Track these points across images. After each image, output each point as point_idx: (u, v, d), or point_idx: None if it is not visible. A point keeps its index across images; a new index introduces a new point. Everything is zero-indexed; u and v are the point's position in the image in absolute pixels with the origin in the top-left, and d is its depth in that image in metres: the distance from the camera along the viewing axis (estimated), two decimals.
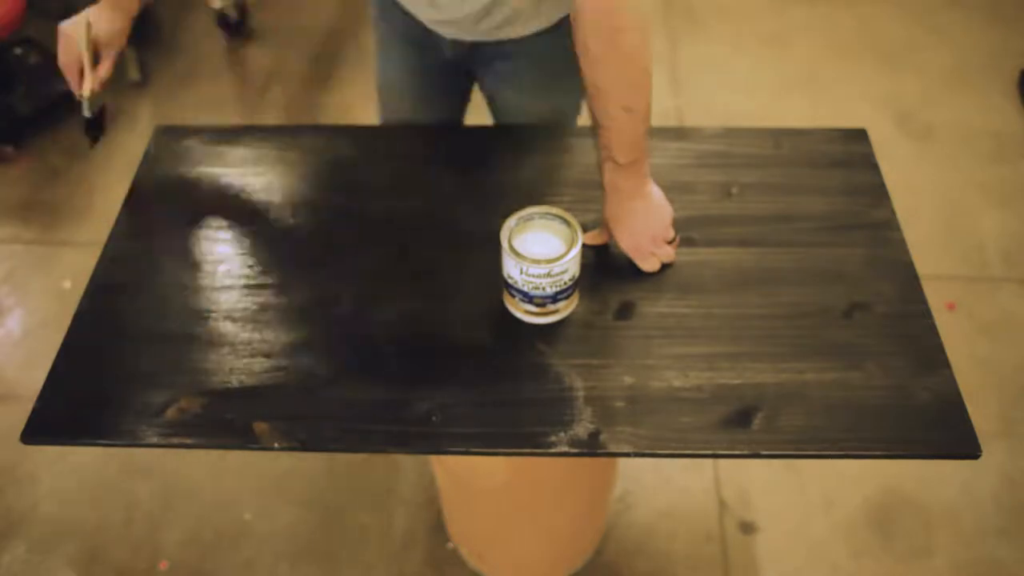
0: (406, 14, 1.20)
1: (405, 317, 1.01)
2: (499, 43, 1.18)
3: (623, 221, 1.01)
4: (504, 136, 1.24)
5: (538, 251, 0.92)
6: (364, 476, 1.75)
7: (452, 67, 1.28)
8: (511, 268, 0.93)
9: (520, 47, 1.18)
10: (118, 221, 1.13)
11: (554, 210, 0.95)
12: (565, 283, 0.94)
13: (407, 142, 1.24)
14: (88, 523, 1.70)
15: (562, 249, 0.92)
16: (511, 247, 0.92)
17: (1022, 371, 1.87)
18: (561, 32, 1.10)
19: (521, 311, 0.98)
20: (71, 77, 1.07)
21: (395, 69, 1.32)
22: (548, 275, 0.91)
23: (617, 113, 0.93)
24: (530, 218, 0.95)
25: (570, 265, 0.92)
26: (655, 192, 1.02)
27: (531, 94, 1.27)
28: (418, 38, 1.22)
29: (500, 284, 0.99)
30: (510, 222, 0.94)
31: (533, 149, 1.20)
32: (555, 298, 0.95)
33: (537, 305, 0.96)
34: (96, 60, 1.06)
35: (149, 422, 0.91)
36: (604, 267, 1.05)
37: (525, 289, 0.94)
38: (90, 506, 1.72)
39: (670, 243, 1.03)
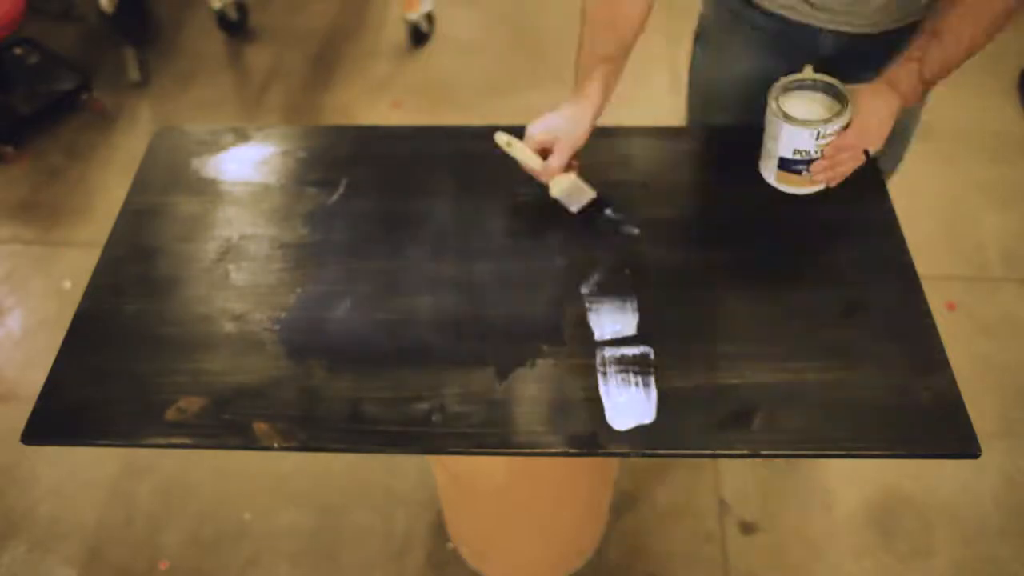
0: (769, 14, 1.16)
1: (405, 317, 1.00)
2: (886, 33, 1.12)
3: (864, 108, 1.01)
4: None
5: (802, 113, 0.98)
6: (364, 476, 1.75)
7: (815, 67, 1.20)
8: (802, 139, 0.97)
9: (905, 37, 1.09)
10: (118, 221, 1.13)
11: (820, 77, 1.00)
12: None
13: (407, 142, 1.23)
14: (88, 523, 1.70)
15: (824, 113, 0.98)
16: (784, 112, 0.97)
17: (1022, 371, 1.87)
18: None
19: (797, 184, 1.03)
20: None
21: (743, 74, 1.25)
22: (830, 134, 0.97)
23: (964, 38, 0.97)
24: (792, 87, 1.01)
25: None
26: (894, 115, 1.03)
27: None
28: (785, 36, 1.17)
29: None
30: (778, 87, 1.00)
31: None
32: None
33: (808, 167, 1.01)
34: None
35: (149, 422, 0.91)
36: (603, 267, 1.05)
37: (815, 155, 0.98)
38: (90, 506, 1.72)
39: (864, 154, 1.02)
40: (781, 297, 1.01)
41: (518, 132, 1.24)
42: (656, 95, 2.55)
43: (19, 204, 2.35)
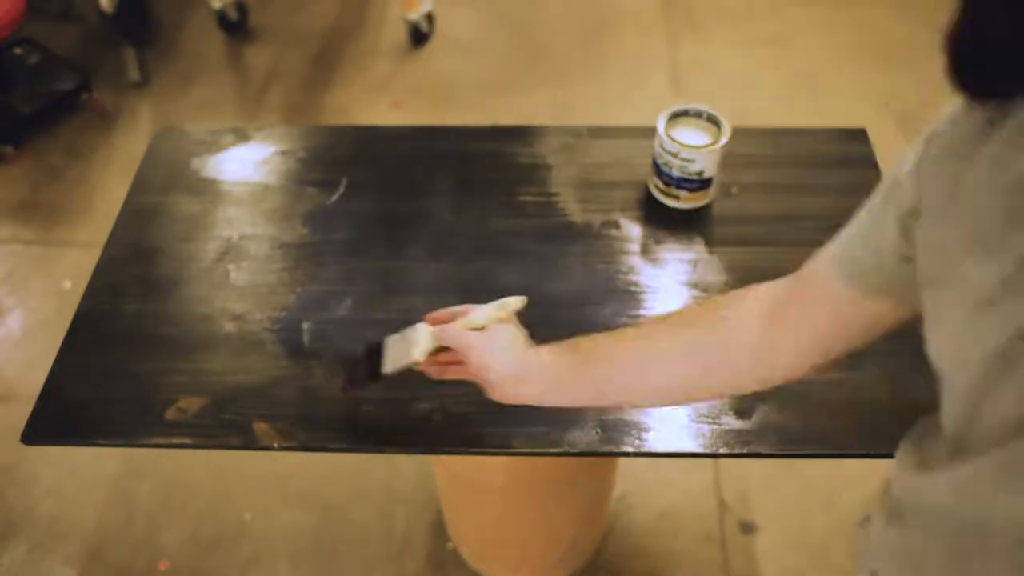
0: None
1: (405, 317, 1.00)
2: None
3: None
4: (505, 136, 1.24)
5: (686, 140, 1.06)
6: (364, 476, 1.75)
7: None
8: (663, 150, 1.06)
9: None
10: (118, 221, 1.13)
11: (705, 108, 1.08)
12: (690, 173, 1.06)
13: (407, 142, 1.24)
14: (88, 523, 1.70)
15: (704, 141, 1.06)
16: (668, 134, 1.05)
17: None
18: None
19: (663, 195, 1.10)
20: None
21: None
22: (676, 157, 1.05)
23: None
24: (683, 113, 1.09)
25: (698, 157, 1.04)
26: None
27: None
28: None
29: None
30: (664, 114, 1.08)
31: (533, 149, 1.20)
32: (679, 183, 1.07)
33: (664, 183, 1.09)
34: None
35: (149, 422, 0.91)
36: (603, 267, 1.05)
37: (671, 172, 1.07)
38: (90, 506, 1.72)
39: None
40: None
41: (518, 132, 1.24)
42: (656, 95, 2.55)
43: (19, 204, 2.35)
